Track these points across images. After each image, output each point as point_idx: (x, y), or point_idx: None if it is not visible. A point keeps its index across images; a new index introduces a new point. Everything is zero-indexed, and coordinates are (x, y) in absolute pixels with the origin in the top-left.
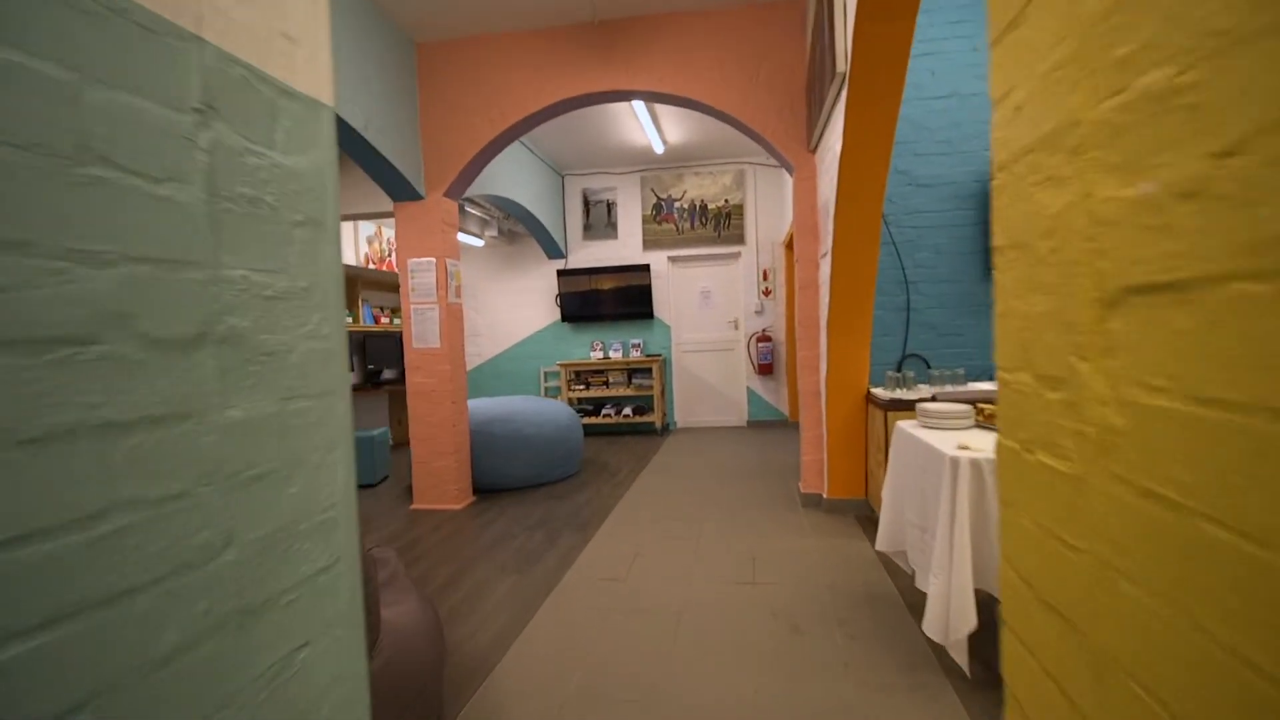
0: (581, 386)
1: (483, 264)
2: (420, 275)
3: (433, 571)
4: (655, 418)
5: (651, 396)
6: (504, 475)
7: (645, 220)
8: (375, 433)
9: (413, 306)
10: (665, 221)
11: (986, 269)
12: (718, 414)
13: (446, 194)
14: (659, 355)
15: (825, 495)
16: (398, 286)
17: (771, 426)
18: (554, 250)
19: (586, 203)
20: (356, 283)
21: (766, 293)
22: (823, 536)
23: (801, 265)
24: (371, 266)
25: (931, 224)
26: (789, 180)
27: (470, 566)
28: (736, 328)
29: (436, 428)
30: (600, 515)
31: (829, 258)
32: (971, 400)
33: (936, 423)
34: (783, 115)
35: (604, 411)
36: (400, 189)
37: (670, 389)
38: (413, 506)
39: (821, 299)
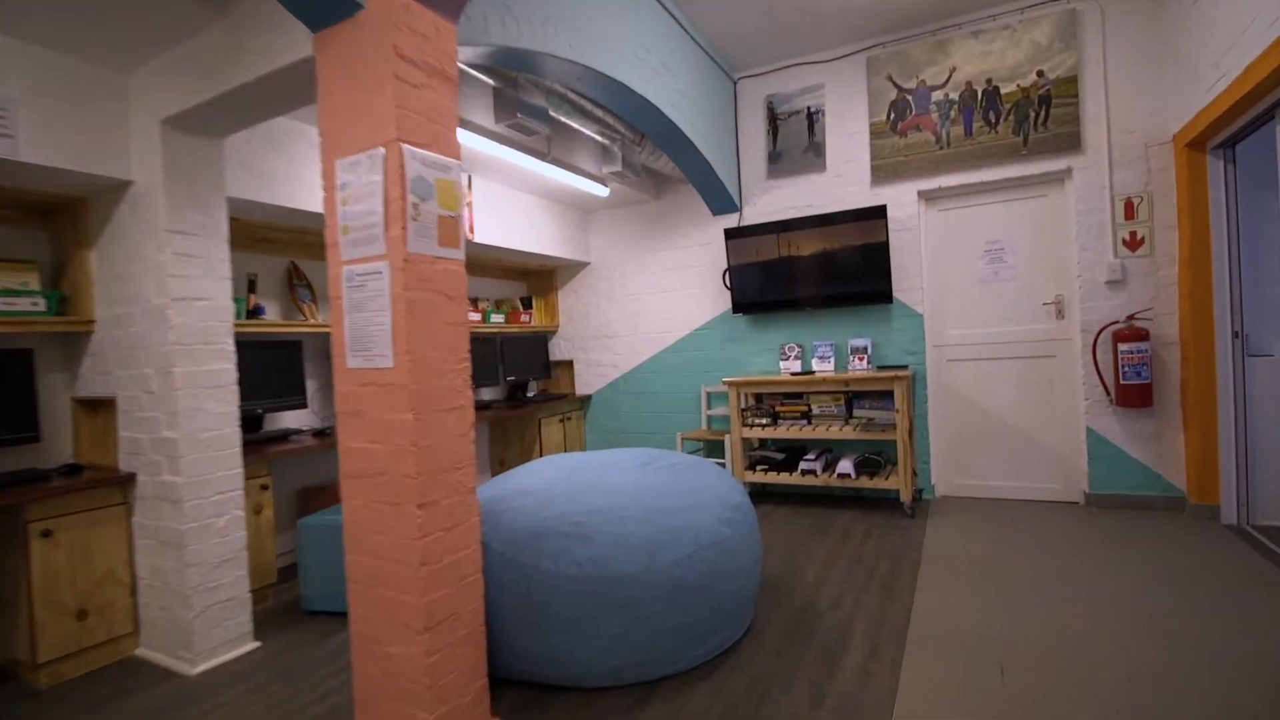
0: (764, 421)
1: (614, 225)
2: (356, 196)
3: None
4: (898, 482)
5: (892, 443)
6: (565, 660)
7: (876, 132)
8: None
9: (343, 268)
10: (914, 128)
11: None
12: (1020, 477)
13: None
14: (903, 368)
15: None
16: (499, 264)
17: (1147, 510)
18: (721, 200)
19: (773, 117)
20: None
21: (1134, 242)
22: None
23: None
24: None
25: None
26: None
27: None
28: (1060, 314)
29: (390, 560)
30: None
31: None
32: None
33: None
34: None
35: (804, 466)
36: None
37: (924, 428)
38: None
39: None
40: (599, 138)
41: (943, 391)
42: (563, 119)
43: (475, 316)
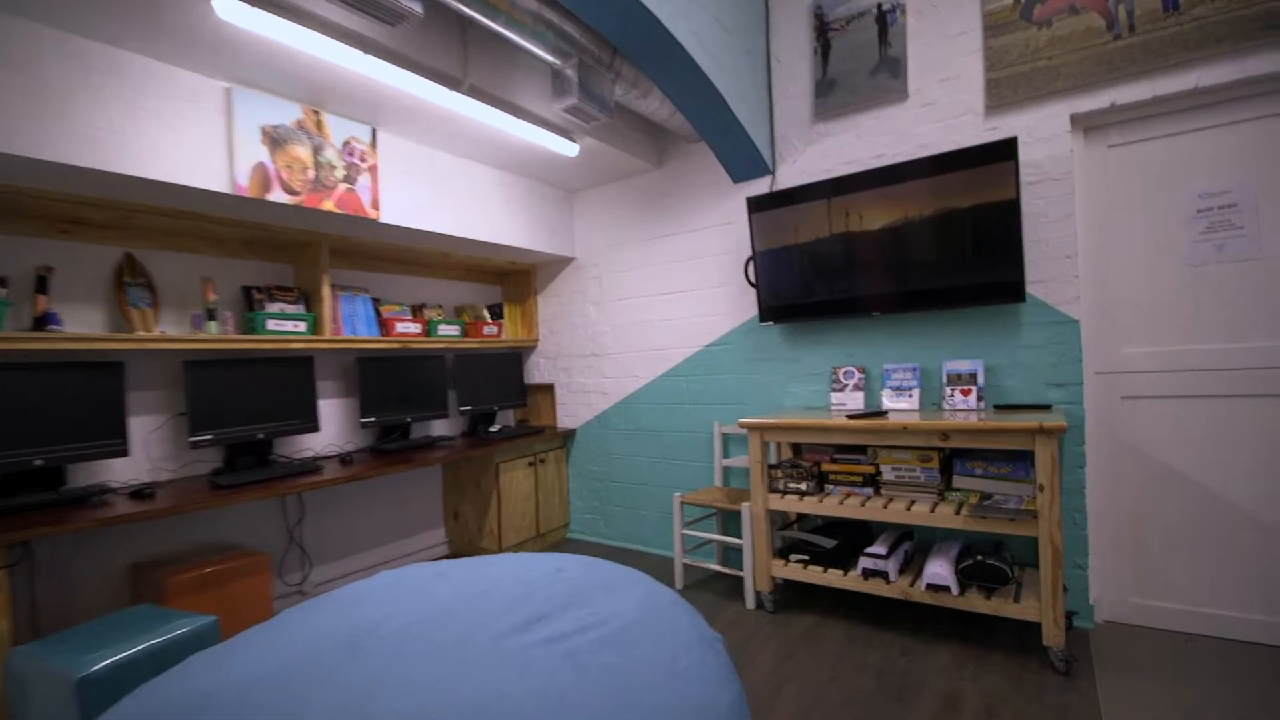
0: (805, 485)
1: (603, 206)
2: None
3: None
4: (1038, 606)
5: (1030, 542)
6: None
7: (994, 24)
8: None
9: None
10: (1065, 10)
11: None
12: (1268, 604)
13: None
14: (1044, 408)
15: None
16: (414, 257)
17: None
18: (744, 159)
19: (823, 29)
20: (319, 247)
21: None
22: None
23: None
24: (276, 198)
25: None
26: None
27: None
28: None
29: None
30: None
31: None
32: None
33: None
34: None
35: (866, 563)
36: None
37: (1079, 509)
38: None
39: None
40: (545, 55)
41: (1114, 449)
42: (467, 10)
43: (414, 328)
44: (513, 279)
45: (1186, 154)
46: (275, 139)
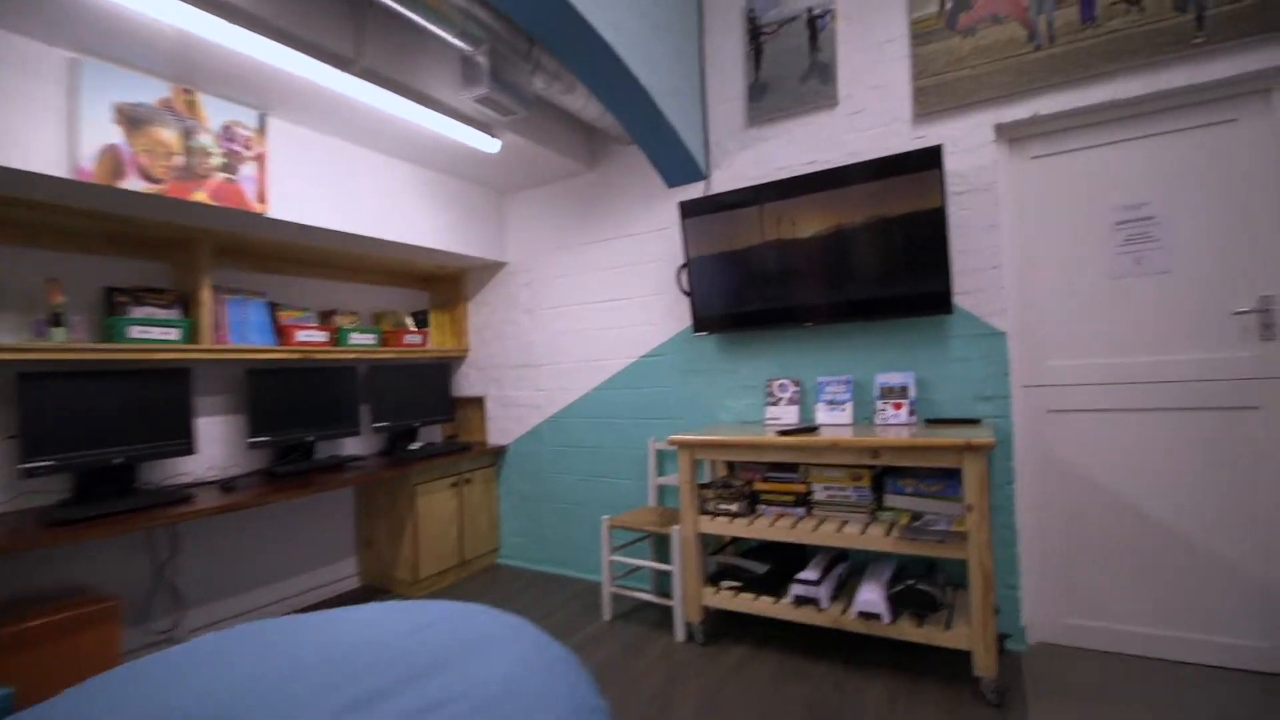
0: (734, 507)
1: (536, 209)
2: None
3: None
4: (968, 635)
5: (960, 563)
6: None
7: (921, 33)
8: None
9: None
10: (989, 19)
11: None
12: (1190, 621)
13: None
14: (973, 422)
15: None
16: (310, 256)
17: None
18: (677, 162)
19: (755, 32)
20: (199, 244)
21: None
22: None
23: None
24: (131, 186)
25: None
26: None
27: None
28: (1269, 332)
29: None
30: None
31: None
32: None
33: None
34: None
35: (797, 590)
36: None
37: (1009, 528)
38: None
39: None
40: (452, 39)
41: (1042, 464)
42: None
43: (320, 337)
44: (440, 284)
45: (1106, 166)
46: (133, 119)
